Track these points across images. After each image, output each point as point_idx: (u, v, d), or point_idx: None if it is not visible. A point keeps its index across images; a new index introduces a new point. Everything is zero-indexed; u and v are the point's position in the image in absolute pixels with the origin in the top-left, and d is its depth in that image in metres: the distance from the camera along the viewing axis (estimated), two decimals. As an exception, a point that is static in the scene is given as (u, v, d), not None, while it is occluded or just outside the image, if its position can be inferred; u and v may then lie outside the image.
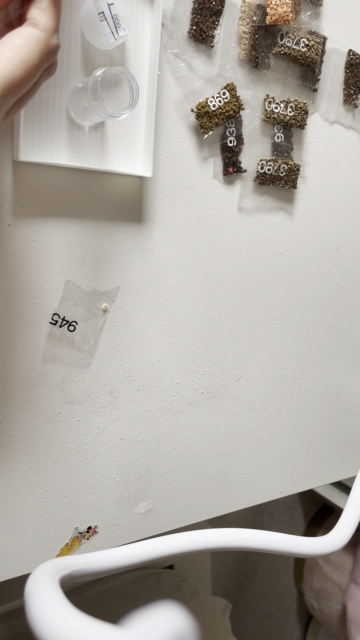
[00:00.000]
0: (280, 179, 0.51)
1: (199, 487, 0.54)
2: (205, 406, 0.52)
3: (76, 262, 0.41)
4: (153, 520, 0.51)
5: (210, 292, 0.50)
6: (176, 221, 0.46)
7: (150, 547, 0.37)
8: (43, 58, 0.26)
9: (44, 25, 0.26)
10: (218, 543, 0.40)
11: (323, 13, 0.50)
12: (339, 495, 1.46)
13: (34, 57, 0.25)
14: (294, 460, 0.62)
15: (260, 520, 1.57)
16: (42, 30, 0.26)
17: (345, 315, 0.62)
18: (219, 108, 0.45)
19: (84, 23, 0.36)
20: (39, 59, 0.26)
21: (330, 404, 0.63)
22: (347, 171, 0.57)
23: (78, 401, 0.44)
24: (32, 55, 0.25)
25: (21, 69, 0.25)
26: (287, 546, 0.43)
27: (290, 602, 1.70)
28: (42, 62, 0.26)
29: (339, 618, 1.41)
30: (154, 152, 0.42)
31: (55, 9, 0.27)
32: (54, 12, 0.27)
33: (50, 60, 0.27)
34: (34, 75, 0.26)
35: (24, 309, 0.40)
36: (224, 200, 0.48)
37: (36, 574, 0.27)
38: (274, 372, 0.57)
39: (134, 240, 0.44)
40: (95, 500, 0.47)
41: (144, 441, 0.49)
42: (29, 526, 0.44)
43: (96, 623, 0.22)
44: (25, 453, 0.42)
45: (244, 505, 0.58)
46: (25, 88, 0.26)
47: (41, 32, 0.26)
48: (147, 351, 0.47)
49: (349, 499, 0.50)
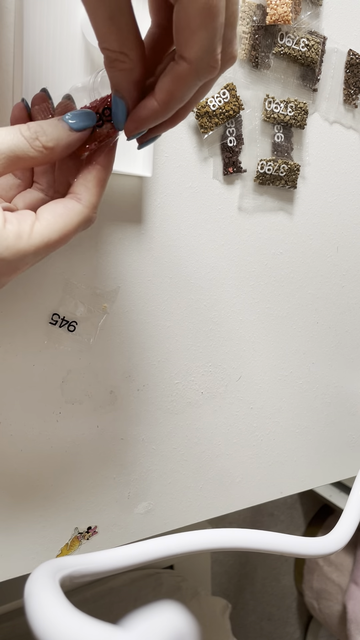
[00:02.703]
0: (280, 179, 0.51)
1: (199, 487, 0.54)
2: (205, 406, 0.52)
3: (76, 262, 0.41)
4: (153, 520, 0.51)
5: (210, 292, 0.50)
6: (176, 221, 0.46)
7: (150, 547, 0.37)
8: (79, 228, 0.28)
9: (87, 201, 0.29)
10: (218, 543, 0.40)
11: (323, 13, 0.50)
12: (339, 495, 1.46)
13: (71, 226, 0.28)
14: (294, 460, 0.62)
15: (260, 520, 1.57)
16: (84, 205, 0.29)
17: (345, 315, 0.62)
18: (219, 108, 0.45)
19: (84, 23, 0.36)
20: (74, 229, 0.28)
21: (331, 404, 0.63)
22: (347, 171, 0.57)
23: (78, 401, 0.44)
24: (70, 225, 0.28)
25: (57, 234, 0.27)
26: (287, 546, 0.43)
27: (290, 602, 1.70)
28: (77, 231, 0.28)
29: (339, 618, 1.41)
30: (153, 152, 0.42)
31: (98, 187, 0.29)
32: (99, 191, 0.29)
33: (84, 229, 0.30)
34: (67, 241, 0.28)
35: (24, 309, 0.40)
36: (224, 200, 0.48)
37: (36, 574, 0.27)
38: (274, 372, 0.57)
39: (134, 240, 0.44)
40: (95, 501, 0.47)
41: (144, 441, 0.49)
42: (29, 526, 0.44)
43: (96, 623, 0.22)
44: (25, 453, 0.42)
45: (244, 506, 0.58)
46: (56, 249, 0.28)
47: (83, 207, 0.28)
48: (147, 351, 0.47)
49: (349, 499, 0.51)
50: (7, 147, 0.26)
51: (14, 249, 0.26)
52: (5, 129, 0.27)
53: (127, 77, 0.27)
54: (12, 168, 0.27)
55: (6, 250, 0.25)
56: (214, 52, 0.24)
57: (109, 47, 0.26)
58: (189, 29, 0.23)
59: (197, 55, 0.24)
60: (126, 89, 0.28)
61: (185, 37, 0.24)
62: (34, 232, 0.26)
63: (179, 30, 0.24)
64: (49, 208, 0.28)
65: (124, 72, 0.27)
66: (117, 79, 0.27)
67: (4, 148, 0.26)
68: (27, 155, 0.27)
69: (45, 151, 0.27)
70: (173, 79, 0.26)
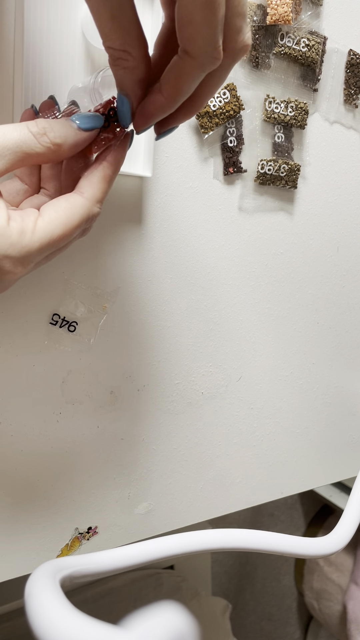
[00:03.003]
0: (281, 179, 0.51)
1: (199, 487, 0.54)
2: (205, 406, 0.52)
3: (76, 262, 0.41)
4: (153, 520, 0.51)
5: (210, 292, 0.50)
6: (176, 221, 0.46)
7: (151, 547, 0.37)
8: (82, 222, 0.28)
9: (89, 194, 0.29)
10: (218, 543, 0.40)
11: (323, 13, 0.50)
12: (339, 495, 1.46)
13: (74, 219, 0.28)
14: (294, 460, 0.61)
15: (261, 520, 1.57)
16: (86, 198, 0.29)
17: (345, 315, 0.62)
18: (219, 108, 0.45)
19: (84, 23, 0.36)
20: (77, 222, 0.28)
21: (331, 404, 0.63)
22: (347, 171, 0.57)
23: (78, 401, 0.44)
24: (73, 218, 0.28)
25: (61, 229, 0.27)
26: (287, 547, 0.43)
27: (290, 602, 1.70)
28: (80, 225, 0.28)
29: (339, 618, 1.41)
30: (154, 152, 0.42)
31: (104, 183, 0.29)
32: (102, 186, 0.29)
33: (88, 225, 0.30)
34: (71, 235, 0.28)
35: (24, 309, 0.40)
36: (224, 200, 0.48)
37: (36, 575, 0.27)
38: (274, 373, 0.57)
39: (134, 241, 0.44)
40: (96, 501, 0.47)
41: (144, 441, 0.49)
42: (29, 526, 0.44)
43: (96, 623, 0.21)
44: (25, 453, 0.42)
45: (245, 506, 0.58)
46: (60, 245, 0.28)
47: (85, 200, 0.29)
48: (147, 351, 0.47)
49: (350, 499, 0.50)
50: (13, 142, 0.26)
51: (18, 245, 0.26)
52: (13, 125, 0.27)
53: (131, 75, 0.27)
54: (18, 164, 0.27)
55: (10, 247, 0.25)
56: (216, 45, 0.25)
57: (112, 46, 0.26)
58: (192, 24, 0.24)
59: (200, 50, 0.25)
60: (130, 87, 0.28)
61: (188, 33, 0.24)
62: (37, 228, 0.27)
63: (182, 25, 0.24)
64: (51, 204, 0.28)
65: (128, 70, 0.27)
66: (121, 76, 0.28)
67: (10, 144, 0.26)
68: (34, 151, 0.27)
69: (52, 147, 0.27)
70: (178, 73, 0.26)
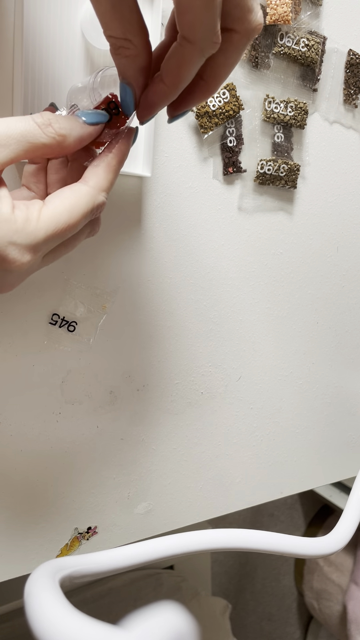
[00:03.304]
0: (280, 179, 0.51)
1: (199, 487, 0.54)
2: (205, 406, 0.52)
3: (76, 262, 0.41)
4: (153, 520, 0.51)
5: (210, 292, 0.50)
6: (176, 221, 0.46)
7: (150, 547, 0.37)
8: (87, 210, 0.28)
9: (94, 182, 0.29)
10: (218, 543, 0.40)
11: (323, 13, 0.50)
12: (339, 495, 1.47)
13: (79, 207, 0.28)
14: (294, 460, 0.61)
15: (261, 520, 1.57)
16: (91, 187, 0.29)
17: (345, 315, 0.62)
18: (219, 108, 0.45)
19: (84, 23, 0.36)
20: (83, 211, 0.28)
21: (331, 404, 0.63)
22: (347, 171, 0.57)
23: (78, 401, 0.44)
24: (78, 206, 0.28)
25: (66, 216, 0.27)
26: (287, 547, 0.43)
27: (290, 602, 1.70)
28: (85, 214, 0.28)
29: (339, 618, 1.41)
30: (153, 152, 0.42)
31: (108, 172, 0.30)
32: (107, 175, 0.30)
33: (94, 214, 0.30)
34: (77, 224, 0.28)
35: (23, 309, 0.40)
36: (224, 200, 0.48)
37: (36, 575, 0.27)
38: (274, 372, 0.57)
39: (134, 240, 0.44)
40: (95, 501, 0.47)
41: (144, 441, 0.49)
42: (29, 526, 0.44)
43: (96, 623, 0.21)
44: (25, 453, 0.42)
45: (244, 506, 0.58)
46: (67, 235, 0.28)
47: (89, 188, 0.29)
48: (147, 351, 0.47)
49: (349, 499, 0.50)
50: (18, 132, 0.26)
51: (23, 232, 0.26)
52: (17, 117, 0.27)
53: (133, 63, 0.27)
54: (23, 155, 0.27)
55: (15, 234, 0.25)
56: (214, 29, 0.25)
57: (113, 34, 0.26)
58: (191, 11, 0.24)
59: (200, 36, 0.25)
60: (132, 76, 0.28)
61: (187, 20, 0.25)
62: (42, 216, 0.27)
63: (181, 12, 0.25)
64: (56, 193, 0.28)
65: (129, 59, 0.27)
66: (123, 65, 0.28)
67: (15, 133, 0.26)
68: (39, 142, 0.27)
69: (58, 137, 0.27)
70: (179, 60, 0.26)
